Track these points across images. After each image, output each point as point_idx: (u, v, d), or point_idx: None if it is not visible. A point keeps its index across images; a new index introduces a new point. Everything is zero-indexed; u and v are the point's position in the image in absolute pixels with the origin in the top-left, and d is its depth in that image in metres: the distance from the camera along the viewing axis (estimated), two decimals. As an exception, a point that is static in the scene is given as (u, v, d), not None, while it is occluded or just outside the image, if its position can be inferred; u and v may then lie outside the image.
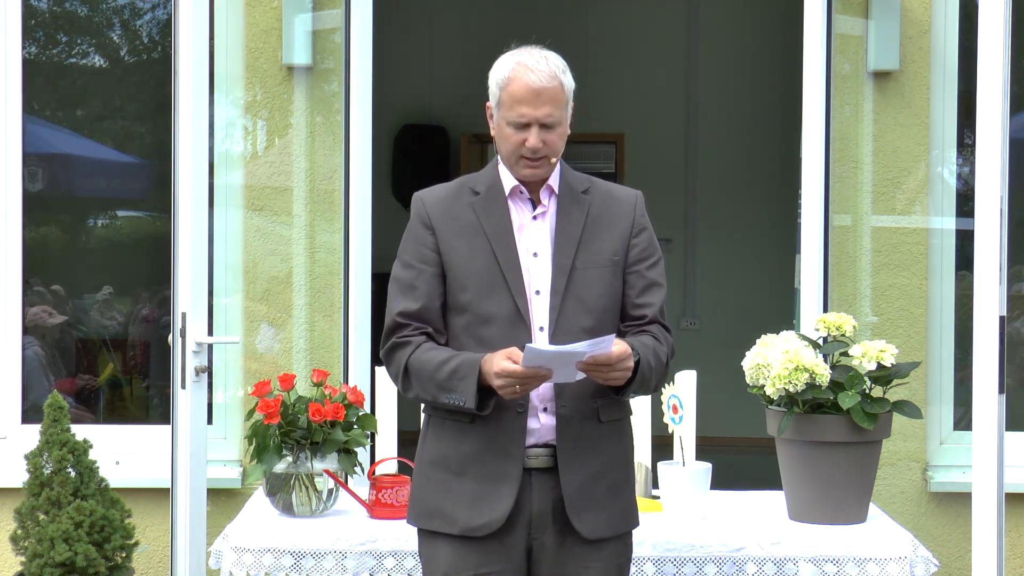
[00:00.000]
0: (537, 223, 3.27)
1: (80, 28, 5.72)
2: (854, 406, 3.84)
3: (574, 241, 3.25)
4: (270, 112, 5.20)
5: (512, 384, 3.06)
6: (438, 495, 3.26)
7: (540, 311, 3.22)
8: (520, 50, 3.26)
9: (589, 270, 3.24)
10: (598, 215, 3.29)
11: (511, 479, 3.19)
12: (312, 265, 5.18)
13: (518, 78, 3.19)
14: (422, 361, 3.20)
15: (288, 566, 3.80)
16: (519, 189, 3.28)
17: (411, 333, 3.24)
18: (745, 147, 9.77)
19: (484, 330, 3.20)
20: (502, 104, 3.22)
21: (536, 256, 3.25)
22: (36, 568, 4.55)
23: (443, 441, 3.27)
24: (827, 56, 5.01)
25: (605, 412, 3.26)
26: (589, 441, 3.24)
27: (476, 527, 3.20)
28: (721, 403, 6.83)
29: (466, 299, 3.22)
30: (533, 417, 3.22)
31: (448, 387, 3.15)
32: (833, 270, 5.10)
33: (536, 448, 3.22)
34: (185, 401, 4.29)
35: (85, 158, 5.77)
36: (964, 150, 5.26)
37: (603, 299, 3.25)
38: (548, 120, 3.20)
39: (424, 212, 3.29)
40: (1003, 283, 3.93)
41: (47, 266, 5.59)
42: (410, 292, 3.25)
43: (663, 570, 3.75)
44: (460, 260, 3.24)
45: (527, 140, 3.20)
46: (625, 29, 9.87)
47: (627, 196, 3.37)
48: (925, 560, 3.82)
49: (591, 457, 3.24)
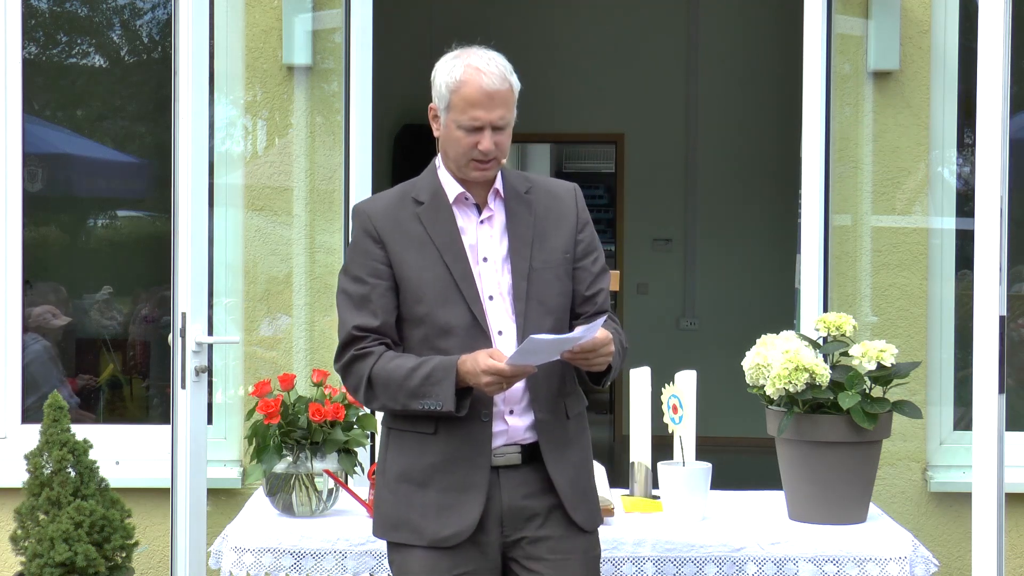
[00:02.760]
0: (484, 227, 3.25)
1: (80, 28, 5.72)
2: (854, 406, 3.84)
3: (527, 243, 3.24)
4: (270, 112, 5.20)
5: (500, 381, 3.07)
6: (403, 508, 3.24)
7: (496, 316, 3.21)
8: (465, 51, 3.22)
9: (546, 271, 3.24)
10: (544, 214, 3.28)
11: (478, 487, 3.19)
12: (312, 265, 5.18)
13: (470, 81, 3.16)
14: (388, 371, 3.17)
15: (288, 566, 3.80)
16: (464, 196, 3.25)
17: (370, 344, 3.21)
18: (745, 147, 9.77)
19: (443, 341, 3.18)
20: (452, 107, 3.18)
21: (487, 261, 3.23)
22: (36, 568, 4.55)
23: (405, 454, 3.25)
24: (827, 56, 5.01)
25: (571, 408, 3.30)
26: (564, 437, 3.27)
27: (445, 537, 3.19)
28: (721, 403, 6.84)
29: (422, 311, 3.20)
30: (499, 420, 3.22)
31: (421, 393, 3.13)
32: (833, 270, 5.10)
33: (504, 447, 3.23)
34: (185, 401, 4.29)
35: (85, 158, 5.77)
36: (964, 150, 5.26)
37: (559, 298, 3.26)
38: (501, 122, 3.18)
39: (371, 225, 3.25)
40: (1003, 283, 3.93)
41: (47, 266, 5.59)
42: (365, 306, 3.22)
43: (663, 570, 3.75)
44: (412, 272, 3.21)
45: (479, 143, 3.17)
46: (625, 29, 9.87)
47: (566, 191, 3.35)
48: (925, 560, 3.82)
49: (570, 452, 3.27)
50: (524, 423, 3.24)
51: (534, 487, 3.25)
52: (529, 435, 3.25)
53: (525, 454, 3.24)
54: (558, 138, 11.46)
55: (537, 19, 9.82)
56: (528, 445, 3.25)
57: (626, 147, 10.09)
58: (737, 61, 9.77)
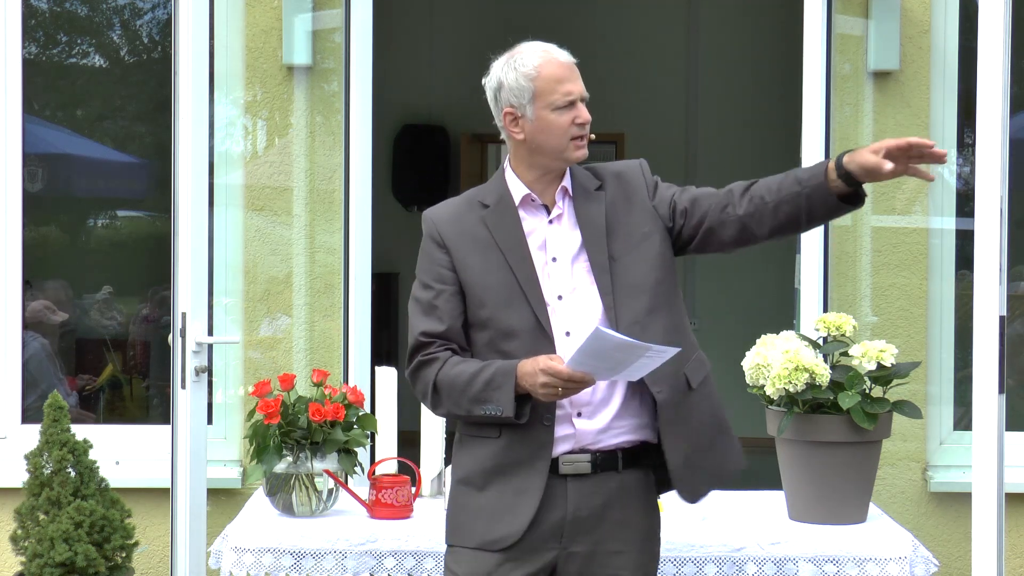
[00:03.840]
0: (554, 227, 3.22)
1: (80, 28, 5.72)
2: (854, 406, 3.84)
3: (602, 235, 3.20)
4: (270, 112, 5.20)
5: (555, 385, 3.00)
6: (459, 510, 3.23)
7: (563, 317, 3.16)
8: (515, 49, 3.22)
9: (626, 256, 3.19)
10: (615, 200, 3.25)
11: (533, 492, 3.13)
12: (312, 265, 5.18)
13: (549, 61, 3.16)
14: (452, 376, 3.15)
15: (288, 566, 3.80)
16: (530, 197, 3.23)
17: (436, 350, 3.19)
18: (745, 147, 9.76)
19: (506, 344, 3.15)
20: (540, 94, 3.15)
21: (556, 261, 3.20)
22: (36, 568, 4.55)
23: (469, 459, 3.22)
24: (827, 56, 5.01)
25: (693, 378, 3.24)
26: (687, 411, 3.21)
27: (492, 540, 3.15)
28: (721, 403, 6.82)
29: (486, 315, 3.18)
30: (566, 424, 3.16)
31: (482, 399, 3.10)
32: (833, 270, 5.10)
33: (571, 455, 3.16)
34: (185, 401, 4.29)
35: (85, 158, 5.77)
36: (964, 150, 5.26)
37: (652, 273, 3.20)
38: (585, 94, 3.19)
39: (435, 231, 3.24)
40: (1003, 283, 3.92)
41: (47, 266, 5.59)
42: (432, 312, 3.20)
43: (663, 570, 3.75)
44: (476, 276, 3.19)
45: (577, 117, 3.16)
46: (625, 29, 9.87)
47: (631, 168, 3.34)
48: (925, 560, 3.82)
49: (691, 426, 3.21)
50: (594, 427, 3.16)
51: (604, 497, 3.18)
52: (602, 439, 3.17)
53: (596, 462, 3.17)
54: (558, 138, 11.45)
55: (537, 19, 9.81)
56: (601, 452, 3.17)
57: (626, 147, 10.09)
58: (737, 61, 9.77)
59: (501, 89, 3.20)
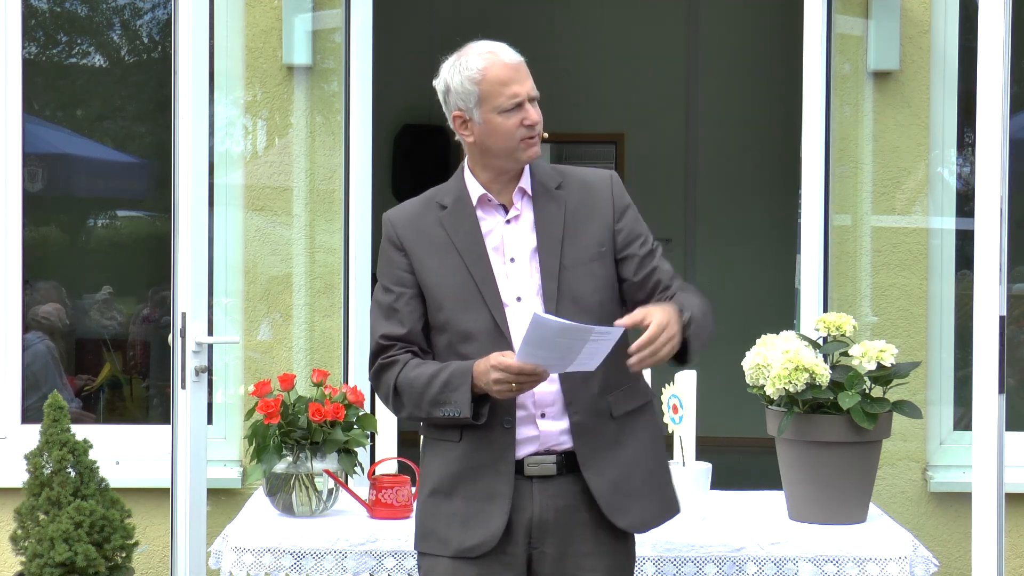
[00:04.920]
0: (511, 227, 3.18)
1: (80, 28, 5.72)
2: (854, 406, 3.84)
3: (557, 240, 3.15)
4: (270, 112, 5.20)
5: (508, 380, 2.97)
6: (431, 518, 3.21)
7: (521, 319, 3.08)
8: (461, 50, 3.17)
9: (578, 267, 3.14)
10: (576, 208, 3.19)
11: (502, 496, 3.12)
12: (312, 265, 5.18)
13: (493, 63, 3.11)
14: (411, 379, 3.13)
15: (288, 566, 3.80)
16: (487, 197, 3.19)
17: (397, 352, 3.17)
18: (745, 147, 9.77)
19: (465, 347, 3.12)
20: (485, 97, 3.10)
21: (514, 261, 3.16)
22: (36, 568, 4.55)
23: (434, 464, 3.21)
24: (827, 56, 5.01)
25: (617, 407, 3.17)
26: (608, 438, 3.15)
27: (469, 548, 3.14)
28: (721, 403, 6.83)
29: (444, 317, 3.16)
30: (530, 425, 3.13)
31: (441, 400, 3.08)
32: (833, 270, 5.10)
33: (536, 456, 3.14)
34: (185, 401, 4.29)
35: (85, 158, 5.77)
36: (964, 150, 5.26)
37: (597, 294, 3.16)
38: (534, 92, 3.14)
39: (394, 234, 3.21)
40: (1003, 283, 3.93)
41: (47, 266, 5.60)
42: (392, 316, 3.19)
43: (663, 570, 3.75)
44: (434, 279, 3.16)
45: (525, 118, 3.11)
46: (625, 29, 9.87)
47: (600, 180, 3.24)
48: (925, 560, 3.82)
49: (616, 453, 3.15)
50: (559, 428, 3.14)
51: (570, 499, 3.15)
52: (565, 440, 3.15)
53: (561, 463, 3.14)
54: (558, 138, 11.43)
55: (537, 19, 9.82)
56: (565, 453, 3.15)
57: (626, 147, 10.09)
58: (737, 61, 9.77)
59: (448, 93, 3.16)
